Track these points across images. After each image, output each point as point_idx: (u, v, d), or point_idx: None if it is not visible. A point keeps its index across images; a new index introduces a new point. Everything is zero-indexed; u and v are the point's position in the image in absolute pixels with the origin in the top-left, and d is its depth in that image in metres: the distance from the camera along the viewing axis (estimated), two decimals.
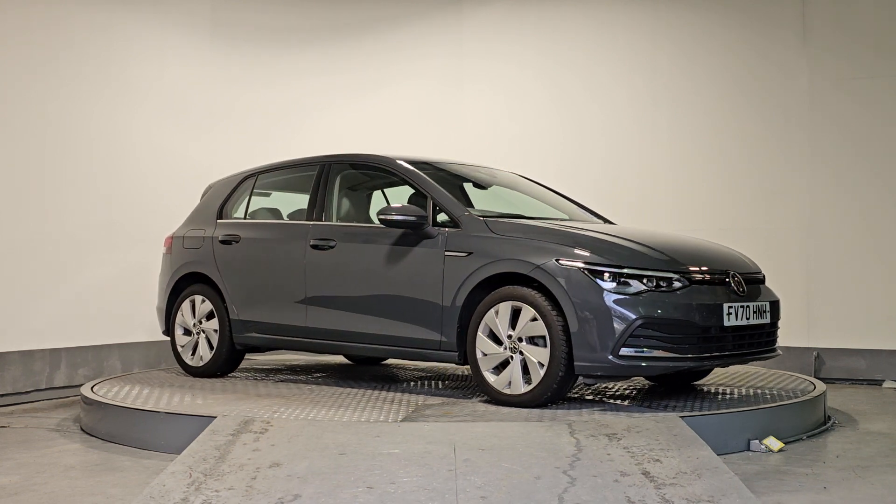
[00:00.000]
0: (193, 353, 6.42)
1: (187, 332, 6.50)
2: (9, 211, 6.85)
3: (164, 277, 6.72)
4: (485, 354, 5.03)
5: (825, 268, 7.76)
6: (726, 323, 4.86)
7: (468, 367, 5.28)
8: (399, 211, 5.30)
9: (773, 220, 7.92)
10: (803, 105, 7.88)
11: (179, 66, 8.23)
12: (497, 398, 5.01)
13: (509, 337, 4.94)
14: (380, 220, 5.35)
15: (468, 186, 6.20)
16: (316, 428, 4.38)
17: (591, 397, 5.34)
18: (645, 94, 8.36)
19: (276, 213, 6.56)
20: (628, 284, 4.71)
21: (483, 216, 5.34)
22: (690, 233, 6.27)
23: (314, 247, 5.82)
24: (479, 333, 5.02)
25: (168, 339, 6.72)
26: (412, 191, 5.75)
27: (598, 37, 8.55)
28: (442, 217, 5.38)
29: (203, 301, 6.38)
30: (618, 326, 4.63)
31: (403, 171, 5.77)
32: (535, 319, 4.82)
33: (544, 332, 4.78)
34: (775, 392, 5.53)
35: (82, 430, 5.52)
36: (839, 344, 7.64)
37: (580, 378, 4.89)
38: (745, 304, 4.99)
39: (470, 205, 5.88)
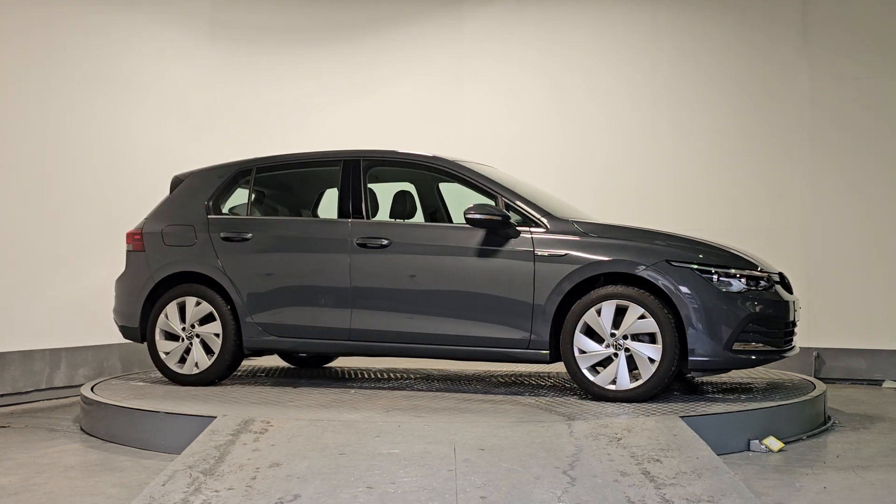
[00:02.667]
0: (182, 361, 5.91)
1: (170, 338, 5.97)
2: (9, 211, 6.85)
3: (134, 277, 6.13)
4: (583, 352, 5.13)
5: (825, 268, 7.76)
6: (790, 318, 5.30)
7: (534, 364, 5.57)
8: (484, 210, 5.27)
9: (773, 220, 7.92)
10: (803, 104, 7.88)
11: (179, 66, 8.23)
12: (600, 395, 5.12)
13: (612, 335, 5.07)
14: (467, 219, 5.28)
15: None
16: (316, 428, 4.38)
17: (590, 397, 5.35)
18: (645, 94, 8.36)
19: (288, 209, 6.38)
20: (731, 284, 5.08)
21: (568, 218, 5.42)
22: (691, 233, 6.27)
23: (361, 245, 5.57)
24: (578, 332, 5.12)
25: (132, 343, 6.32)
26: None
27: (599, 36, 8.55)
28: (514, 217, 5.39)
29: (198, 303, 5.88)
30: (731, 323, 4.99)
31: (465, 171, 5.65)
32: (643, 317, 5.02)
33: (654, 329, 5.01)
34: (775, 392, 5.53)
35: (82, 430, 5.52)
36: (839, 344, 7.64)
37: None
38: (795, 300, 5.46)
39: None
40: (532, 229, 5.33)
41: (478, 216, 5.26)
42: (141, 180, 7.79)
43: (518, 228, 5.33)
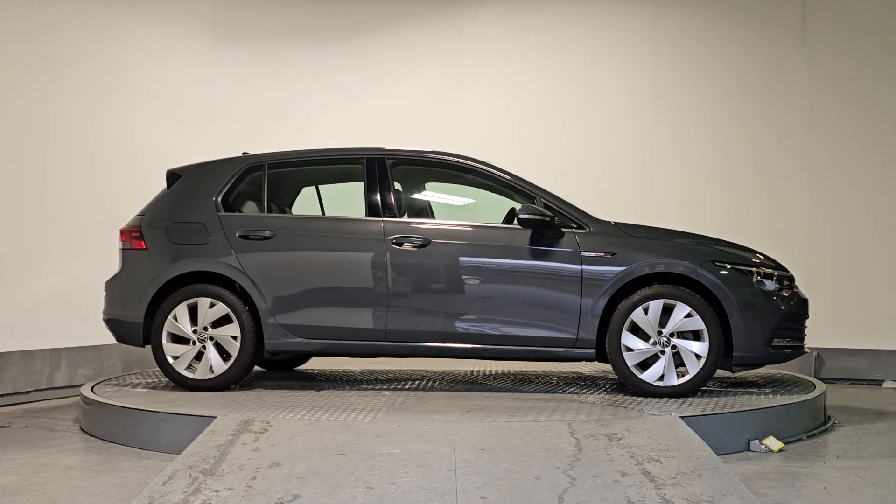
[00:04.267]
0: (190, 365, 5.63)
1: (177, 341, 5.66)
2: (10, 210, 6.85)
3: (135, 277, 5.77)
4: (629, 350, 5.28)
5: (825, 268, 7.76)
6: (809, 315, 5.64)
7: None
8: (534, 211, 5.34)
9: (772, 220, 7.92)
10: (803, 104, 7.89)
11: (179, 66, 8.23)
12: (648, 391, 5.29)
13: (659, 333, 5.25)
14: (519, 219, 5.35)
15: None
16: (316, 428, 4.37)
17: (590, 397, 5.35)
18: (646, 94, 8.36)
19: (304, 207, 6.28)
20: (765, 283, 5.38)
21: (607, 219, 5.54)
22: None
23: (398, 244, 5.48)
24: (625, 330, 5.27)
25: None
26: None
27: (599, 36, 8.55)
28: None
29: (212, 304, 5.59)
30: (771, 320, 5.30)
31: (500, 172, 5.68)
32: (688, 316, 5.24)
33: (700, 327, 5.23)
34: (775, 392, 5.53)
35: (82, 430, 5.51)
36: (839, 344, 7.64)
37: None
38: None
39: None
40: (575, 230, 5.43)
41: (529, 216, 5.32)
42: (141, 180, 7.77)
43: (563, 229, 5.42)
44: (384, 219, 5.58)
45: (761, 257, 5.54)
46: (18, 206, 6.91)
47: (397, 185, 5.85)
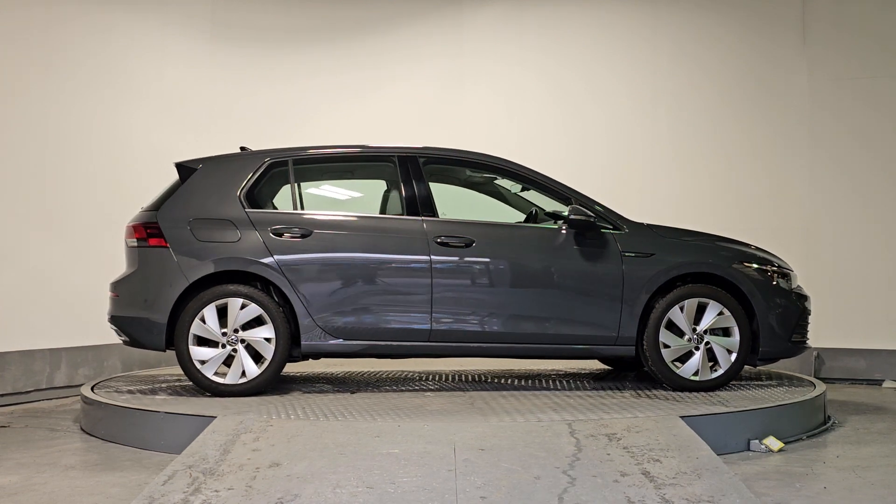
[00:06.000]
0: (217, 370, 5.39)
1: (203, 344, 5.38)
2: (10, 210, 6.85)
3: (156, 277, 5.44)
4: (666, 346, 5.48)
5: (825, 268, 7.76)
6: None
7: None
8: (582, 212, 5.51)
9: (772, 220, 7.92)
10: (803, 104, 7.89)
11: (179, 66, 8.23)
12: (684, 386, 5.51)
13: (693, 330, 5.49)
14: (571, 219, 5.48)
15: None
16: (316, 428, 4.37)
17: (591, 397, 5.34)
18: (646, 94, 8.36)
19: (332, 204, 6.20)
20: (781, 282, 5.72)
21: (639, 221, 5.73)
22: None
23: (442, 244, 5.46)
24: (663, 328, 5.47)
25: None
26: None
27: (599, 36, 8.55)
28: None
29: (244, 305, 5.34)
30: (793, 317, 5.65)
31: (534, 173, 5.79)
32: (720, 314, 5.49)
33: (731, 324, 5.51)
34: (775, 392, 5.53)
35: (82, 430, 5.51)
36: (839, 344, 7.64)
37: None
38: None
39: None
40: (612, 231, 5.59)
41: (578, 217, 5.47)
42: (141, 180, 7.78)
43: (603, 230, 5.56)
44: (424, 218, 5.55)
45: (777, 257, 5.86)
46: (18, 205, 6.91)
47: (442, 185, 5.94)
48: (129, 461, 4.61)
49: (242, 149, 5.97)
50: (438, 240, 5.47)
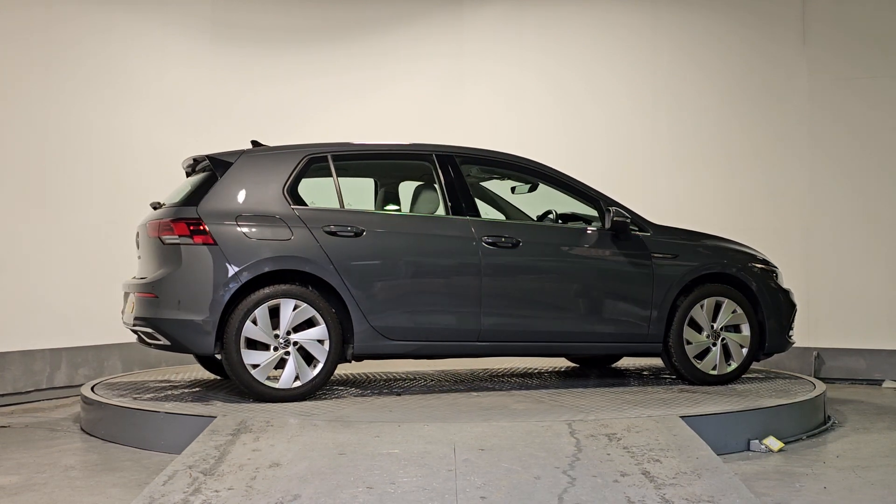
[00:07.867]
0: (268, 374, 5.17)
1: (251, 346, 5.13)
2: (10, 210, 6.85)
3: (205, 277, 5.10)
4: (689, 343, 5.78)
5: (825, 268, 7.76)
6: None
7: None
8: (621, 214, 5.71)
9: (772, 220, 7.92)
10: (803, 104, 7.89)
11: (180, 66, 8.22)
12: (705, 379, 5.81)
13: (711, 327, 5.81)
14: (615, 221, 5.67)
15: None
16: (316, 428, 4.38)
17: (591, 397, 5.35)
18: (646, 94, 8.36)
19: (368, 201, 6.13)
20: (780, 281, 6.11)
21: (658, 223, 5.99)
22: None
23: (491, 244, 5.49)
24: (686, 325, 5.77)
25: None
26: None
27: (599, 36, 8.55)
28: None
29: (297, 307, 5.14)
30: (790, 314, 6.07)
31: (565, 176, 5.95)
32: (734, 312, 5.83)
33: (743, 321, 5.86)
34: (775, 392, 5.54)
35: (82, 430, 5.52)
36: (839, 344, 7.64)
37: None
38: None
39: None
40: (639, 233, 5.82)
41: (620, 219, 5.68)
42: (141, 180, 7.78)
43: (634, 232, 5.80)
44: (470, 218, 5.56)
45: (760, 253, 6.19)
46: (19, 205, 6.91)
47: (482, 186, 6.08)
48: (129, 461, 4.61)
49: (254, 143, 5.85)
50: (487, 240, 5.51)
